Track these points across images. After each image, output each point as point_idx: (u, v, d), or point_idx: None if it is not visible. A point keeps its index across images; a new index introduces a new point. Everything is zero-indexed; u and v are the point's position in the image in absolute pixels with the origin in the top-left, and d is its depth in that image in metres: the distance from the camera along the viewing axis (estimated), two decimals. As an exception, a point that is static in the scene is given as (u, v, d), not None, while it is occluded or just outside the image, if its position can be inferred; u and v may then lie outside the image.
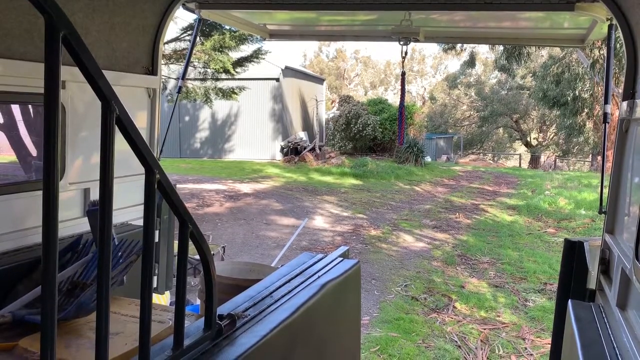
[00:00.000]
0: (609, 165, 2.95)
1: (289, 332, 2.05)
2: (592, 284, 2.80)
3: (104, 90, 1.17)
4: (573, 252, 3.01)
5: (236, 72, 13.91)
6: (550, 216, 13.64)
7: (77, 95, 2.93)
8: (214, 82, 14.22)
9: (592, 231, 11.58)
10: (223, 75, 13.96)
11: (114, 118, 1.19)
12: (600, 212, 2.83)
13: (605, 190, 2.85)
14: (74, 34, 1.07)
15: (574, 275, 2.99)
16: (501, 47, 24.05)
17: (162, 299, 4.29)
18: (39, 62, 0.98)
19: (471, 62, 28.20)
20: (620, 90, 2.77)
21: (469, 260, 9.33)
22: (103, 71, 1.18)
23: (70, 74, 1.77)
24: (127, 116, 1.23)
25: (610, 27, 2.95)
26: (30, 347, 1.94)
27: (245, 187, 15.97)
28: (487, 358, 5.48)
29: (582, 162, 33.98)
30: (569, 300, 2.66)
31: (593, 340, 2.11)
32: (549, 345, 3.47)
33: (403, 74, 4.07)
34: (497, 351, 5.66)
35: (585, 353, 1.99)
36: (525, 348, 5.78)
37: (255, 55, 14.42)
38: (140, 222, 1.57)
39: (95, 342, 1.25)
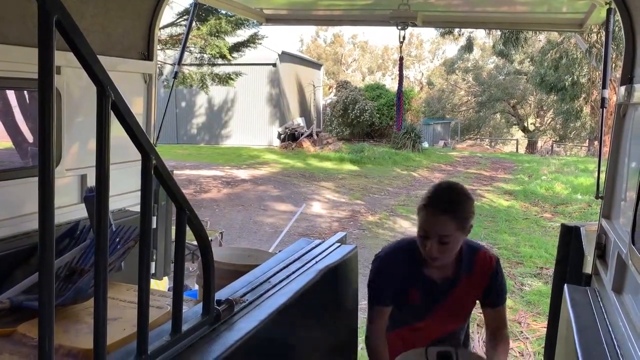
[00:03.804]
0: (606, 150, 2.95)
1: (287, 317, 2.06)
2: (588, 269, 2.82)
3: (98, 75, 1.16)
4: (569, 236, 3.03)
5: (233, 57, 13.83)
6: (546, 201, 13.68)
7: (73, 80, 2.91)
8: (210, 67, 14.13)
9: (588, 216, 11.63)
10: (219, 61, 13.88)
11: (109, 103, 1.18)
12: (597, 197, 2.84)
13: (602, 175, 2.86)
14: (67, 18, 1.06)
15: (570, 259, 3.01)
16: (499, 32, 23.94)
17: (161, 285, 4.31)
18: (34, 47, 0.97)
19: (469, 47, 28.06)
20: (618, 75, 2.77)
21: (465, 245, 9.36)
22: (98, 57, 1.16)
23: (65, 59, 1.75)
24: (122, 101, 1.22)
25: (608, 11, 2.93)
26: (28, 333, 1.95)
27: (243, 173, 15.96)
28: (484, 341, 5.53)
29: (579, 147, 34.01)
30: (565, 284, 2.68)
31: (589, 324, 2.13)
32: (545, 329, 3.50)
33: (401, 58, 4.04)
34: (493, 335, 5.71)
35: (581, 337, 2.01)
36: (522, 332, 5.83)
37: (252, 40, 14.31)
38: (138, 208, 1.57)
39: (94, 327, 1.26)
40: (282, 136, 23.28)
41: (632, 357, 1.78)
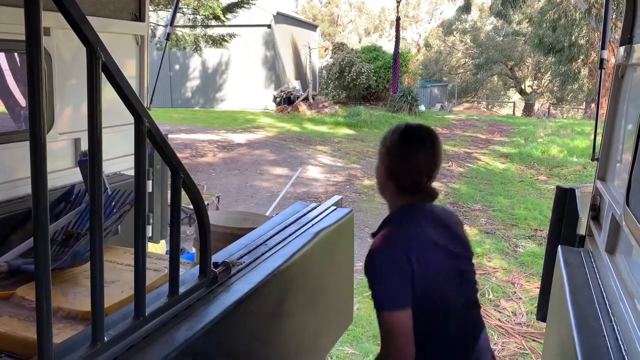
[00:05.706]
0: (603, 112, 2.93)
1: (283, 279, 2.08)
2: (582, 230, 2.84)
3: (88, 36, 1.13)
4: (564, 198, 3.04)
5: (226, 18, 13.58)
6: (542, 164, 13.71)
7: (63, 42, 2.85)
8: (203, 29, 13.89)
9: (583, 178, 11.68)
10: (213, 22, 13.63)
11: (99, 65, 1.16)
12: (592, 159, 2.84)
13: (598, 138, 2.85)
14: (54, -24, 1.03)
15: (564, 221, 3.03)
16: (498, -8, 23.50)
17: (158, 248, 4.33)
18: (22, 8, 0.95)
19: (467, 8, 27.54)
20: (617, 37, 2.72)
21: (460, 207, 9.42)
22: (87, 17, 1.13)
23: (55, 20, 1.71)
24: (113, 63, 1.20)
25: (609, -31, 2.87)
26: (27, 296, 1.97)
27: (239, 137, 15.88)
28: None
29: (576, 110, 33.89)
30: (559, 245, 2.70)
31: (581, 284, 2.16)
32: (538, 290, 3.54)
33: (398, 19, 3.97)
34: (487, 295, 5.80)
35: (574, 297, 2.04)
36: (515, 292, 5.93)
37: (246, 1, 14.03)
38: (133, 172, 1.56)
39: (91, 290, 1.27)
40: (278, 100, 23.06)
41: (623, 316, 1.81)
